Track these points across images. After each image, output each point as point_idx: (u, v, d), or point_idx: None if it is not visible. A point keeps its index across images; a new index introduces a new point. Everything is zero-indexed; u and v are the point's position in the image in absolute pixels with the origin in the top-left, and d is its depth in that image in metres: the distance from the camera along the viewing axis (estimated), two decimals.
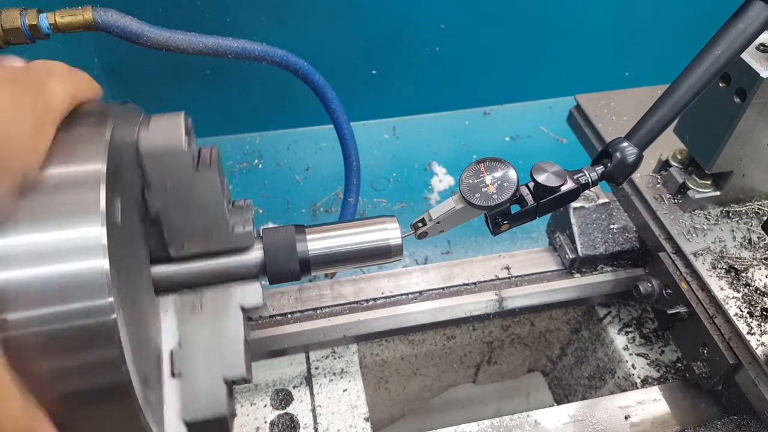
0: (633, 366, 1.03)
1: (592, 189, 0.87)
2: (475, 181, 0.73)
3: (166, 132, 0.61)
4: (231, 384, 0.65)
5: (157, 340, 0.63)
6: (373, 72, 1.98)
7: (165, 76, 1.83)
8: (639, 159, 0.74)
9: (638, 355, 1.05)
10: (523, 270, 1.10)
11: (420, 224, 0.76)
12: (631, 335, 1.08)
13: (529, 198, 0.74)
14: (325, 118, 1.29)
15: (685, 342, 0.94)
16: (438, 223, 0.75)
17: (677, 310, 0.91)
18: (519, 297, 1.06)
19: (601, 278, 1.07)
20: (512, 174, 0.72)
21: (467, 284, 1.07)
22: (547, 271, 1.09)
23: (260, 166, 1.97)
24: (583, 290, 1.07)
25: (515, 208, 0.74)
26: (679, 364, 1.02)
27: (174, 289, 0.67)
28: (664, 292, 0.95)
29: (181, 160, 0.61)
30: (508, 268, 1.10)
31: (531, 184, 0.74)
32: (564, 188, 0.73)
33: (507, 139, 2.09)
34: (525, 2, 1.91)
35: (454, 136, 2.08)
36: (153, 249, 0.66)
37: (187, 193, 0.63)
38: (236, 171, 1.94)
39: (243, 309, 0.68)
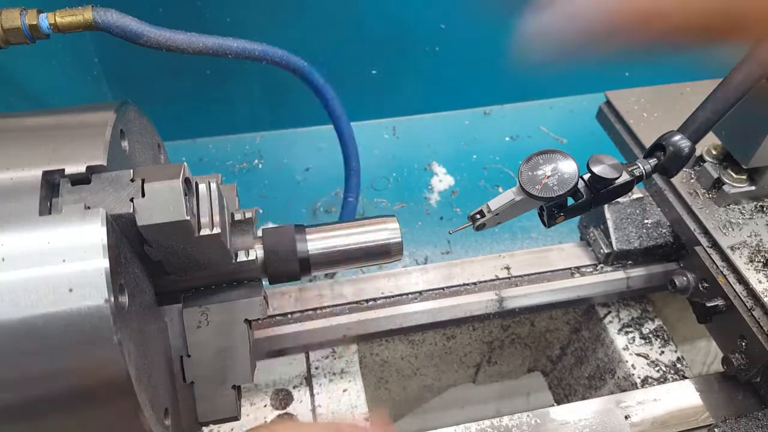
0: (633, 366, 1.03)
1: None
2: (536, 172, 0.71)
3: (165, 204, 0.56)
4: (239, 389, 0.68)
5: (167, 350, 0.65)
6: (373, 72, 1.98)
7: (165, 76, 1.83)
8: (692, 152, 0.74)
9: (638, 355, 1.05)
10: (523, 270, 1.10)
11: (478, 216, 0.76)
12: (631, 335, 1.08)
13: (584, 190, 0.73)
14: (325, 118, 1.29)
15: (722, 334, 0.94)
16: (497, 215, 0.75)
17: (715, 303, 0.91)
18: (519, 297, 1.06)
19: (601, 278, 1.07)
20: (572, 166, 0.71)
21: (467, 284, 1.07)
22: (547, 271, 1.09)
23: (260, 166, 1.96)
24: (583, 290, 1.07)
25: (568, 201, 0.74)
26: (679, 365, 1.02)
27: (177, 298, 0.67)
28: (700, 285, 0.95)
29: (183, 229, 0.58)
30: (508, 268, 1.10)
31: (586, 176, 0.73)
32: (619, 180, 0.72)
33: (507, 139, 2.08)
34: (525, 2, 1.91)
35: (454, 136, 2.08)
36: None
37: (190, 250, 0.61)
38: (236, 171, 1.94)
39: (247, 321, 0.69)
